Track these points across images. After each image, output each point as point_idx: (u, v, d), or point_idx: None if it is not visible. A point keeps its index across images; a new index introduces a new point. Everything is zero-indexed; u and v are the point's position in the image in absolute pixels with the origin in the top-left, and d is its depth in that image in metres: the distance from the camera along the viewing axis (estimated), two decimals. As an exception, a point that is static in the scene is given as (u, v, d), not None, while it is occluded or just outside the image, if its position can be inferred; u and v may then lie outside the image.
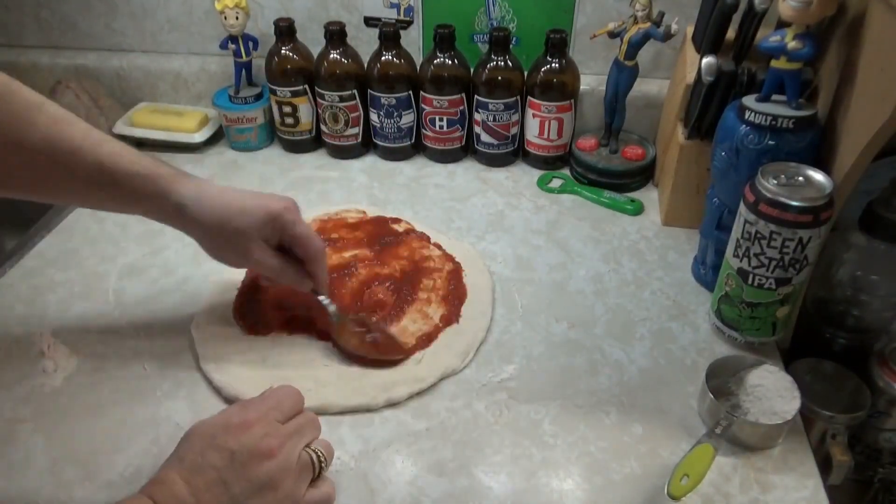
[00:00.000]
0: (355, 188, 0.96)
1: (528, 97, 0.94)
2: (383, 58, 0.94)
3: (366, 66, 0.96)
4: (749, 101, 0.66)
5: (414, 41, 1.01)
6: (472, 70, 0.95)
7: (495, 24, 0.98)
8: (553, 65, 0.91)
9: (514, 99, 0.94)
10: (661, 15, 0.84)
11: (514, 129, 0.97)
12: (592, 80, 0.98)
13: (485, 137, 0.97)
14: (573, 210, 0.90)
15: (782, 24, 0.65)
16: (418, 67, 0.96)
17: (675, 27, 0.82)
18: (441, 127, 0.97)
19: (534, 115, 0.94)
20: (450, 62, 0.93)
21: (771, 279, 0.62)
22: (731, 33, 0.76)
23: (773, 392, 0.61)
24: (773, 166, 0.61)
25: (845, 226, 0.67)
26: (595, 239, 0.85)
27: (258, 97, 1.02)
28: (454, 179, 0.97)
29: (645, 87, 0.95)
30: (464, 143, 1.00)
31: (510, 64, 0.92)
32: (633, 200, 0.90)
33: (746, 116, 0.65)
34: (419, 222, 0.86)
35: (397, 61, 0.94)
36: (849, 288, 0.69)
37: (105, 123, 1.04)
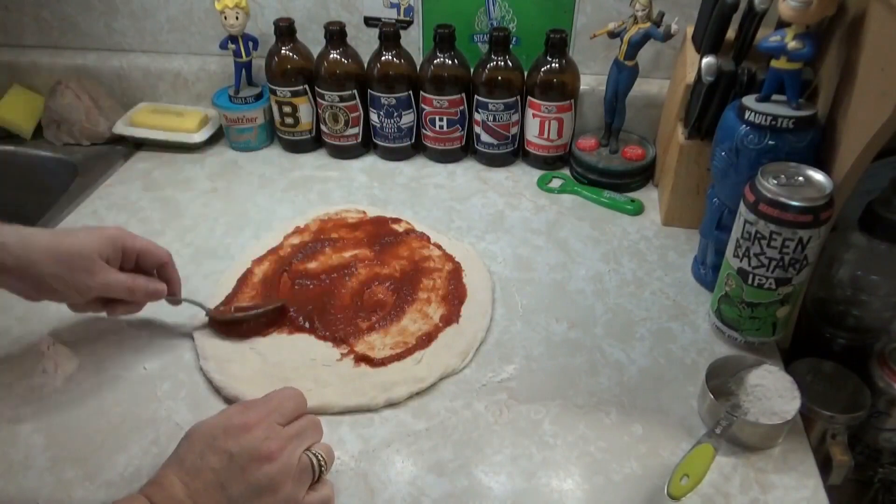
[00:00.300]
0: (355, 188, 0.96)
1: (528, 97, 0.94)
2: (383, 58, 0.94)
3: (366, 66, 0.96)
4: (749, 101, 0.66)
5: (414, 41, 1.01)
6: (472, 70, 0.95)
7: (495, 24, 0.98)
8: (553, 65, 0.91)
9: (514, 99, 0.94)
10: (661, 15, 0.84)
11: (514, 129, 0.97)
12: (592, 80, 0.98)
13: (485, 137, 0.97)
14: (573, 210, 0.90)
15: (782, 24, 0.65)
16: (418, 67, 0.96)
17: (675, 27, 0.82)
18: (441, 127, 0.97)
19: (534, 115, 0.94)
20: (450, 62, 0.93)
21: (771, 279, 0.62)
22: (731, 33, 0.76)
23: (773, 392, 0.61)
24: (773, 166, 0.61)
25: (845, 226, 0.67)
26: (595, 239, 0.85)
27: (258, 97, 1.02)
28: (454, 179, 0.97)
29: (645, 87, 0.95)
30: (464, 143, 1.00)
31: (510, 64, 0.92)
32: (633, 200, 0.90)
33: (746, 116, 0.65)
34: (419, 222, 0.86)
35: (397, 61, 0.94)
36: (849, 288, 0.69)
37: (105, 123, 1.04)
